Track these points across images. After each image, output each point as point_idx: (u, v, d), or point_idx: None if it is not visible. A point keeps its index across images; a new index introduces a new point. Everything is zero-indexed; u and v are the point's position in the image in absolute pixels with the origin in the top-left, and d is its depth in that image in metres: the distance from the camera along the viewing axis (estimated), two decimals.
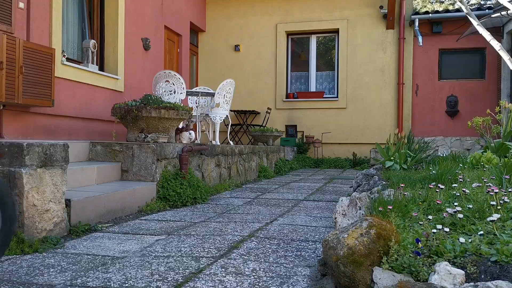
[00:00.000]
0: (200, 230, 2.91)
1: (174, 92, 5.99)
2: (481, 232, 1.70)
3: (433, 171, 3.40)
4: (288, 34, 10.28)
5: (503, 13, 7.54)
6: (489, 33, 4.54)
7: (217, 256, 2.26)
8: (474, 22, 4.57)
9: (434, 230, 1.64)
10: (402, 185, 2.83)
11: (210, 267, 2.07)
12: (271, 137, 8.52)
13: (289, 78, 10.36)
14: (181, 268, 2.04)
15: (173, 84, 6.02)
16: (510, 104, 4.97)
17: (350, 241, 1.56)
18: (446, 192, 2.58)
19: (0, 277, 1.93)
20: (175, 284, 1.83)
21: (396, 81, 9.44)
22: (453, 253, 1.53)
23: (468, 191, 2.36)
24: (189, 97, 7.18)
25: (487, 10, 8.72)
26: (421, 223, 1.87)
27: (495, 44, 4.44)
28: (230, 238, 2.69)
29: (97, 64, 6.16)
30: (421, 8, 9.67)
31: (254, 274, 1.96)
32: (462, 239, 1.59)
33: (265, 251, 2.37)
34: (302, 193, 4.99)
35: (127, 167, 4.07)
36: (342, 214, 2.54)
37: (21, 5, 4.69)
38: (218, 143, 6.40)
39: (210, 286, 1.79)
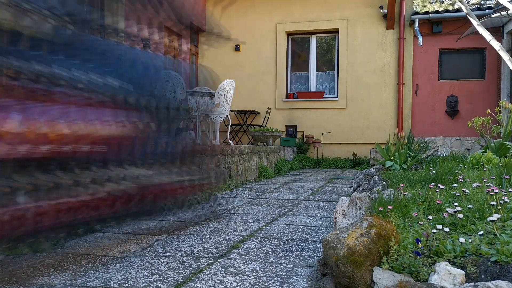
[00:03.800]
0: (200, 230, 2.91)
1: (174, 92, 5.99)
2: (481, 232, 1.70)
3: (433, 171, 3.40)
4: (288, 34, 10.28)
5: (503, 13, 7.54)
6: (489, 33, 4.55)
7: (217, 256, 2.26)
8: (474, 22, 4.57)
9: (434, 230, 1.64)
10: (402, 185, 2.83)
11: (210, 267, 2.07)
12: (271, 137, 8.52)
13: (289, 78, 10.36)
14: (181, 268, 2.04)
15: (173, 84, 6.02)
16: (510, 104, 4.98)
17: (350, 241, 1.56)
18: (446, 192, 2.58)
19: (0, 277, 1.93)
20: (175, 284, 1.83)
21: (396, 81, 9.44)
22: (453, 253, 1.53)
23: (468, 191, 2.36)
24: (189, 97, 7.19)
25: (487, 10, 8.73)
26: (421, 223, 1.87)
27: (495, 44, 4.44)
28: (230, 238, 2.69)
29: None
30: (421, 8, 9.67)
31: (254, 274, 1.96)
32: (462, 239, 1.59)
33: (265, 251, 2.37)
34: (302, 193, 4.99)
35: None
36: (342, 214, 2.54)
37: None
38: (218, 143, 6.40)
39: (210, 286, 1.79)
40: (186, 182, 2.66)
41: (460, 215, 1.84)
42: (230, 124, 7.55)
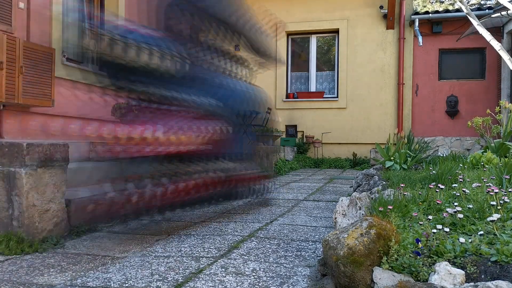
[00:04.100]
0: (200, 230, 2.91)
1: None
2: (481, 232, 1.70)
3: (433, 171, 3.40)
4: (288, 34, 10.27)
5: (503, 13, 7.54)
6: (489, 33, 4.55)
7: (217, 256, 2.26)
8: (474, 22, 4.57)
9: (434, 230, 1.64)
10: (402, 185, 2.83)
11: (210, 267, 2.07)
12: (271, 137, 8.52)
13: (289, 78, 10.36)
14: (181, 268, 2.04)
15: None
16: (510, 104, 4.98)
17: (350, 241, 1.56)
18: (446, 192, 2.58)
19: (0, 277, 1.93)
20: (175, 284, 1.83)
21: (396, 81, 9.44)
22: (453, 253, 1.53)
23: (468, 191, 2.36)
24: None
25: (487, 10, 8.72)
26: (421, 223, 1.87)
27: (495, 44, 4.44)
28: (230, 238, 2.69)
29: (97, 64, 6.16)
30: (421, 8, 9.67)
31: (254, 274, 1.96)
32: (462, 239, 1.59)
33: (265, 251, 2.37)
34: (302, 193, 4.99)
35: None
36: (342, 214, 2.54)
37: (21, 5, 4.69)
38: None
39: (210, 286, 1.79)
40: (254, 174, 3.43)
41: (460, 215, 1.84)
42: None
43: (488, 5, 9.25)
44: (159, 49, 2.52)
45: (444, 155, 5.66)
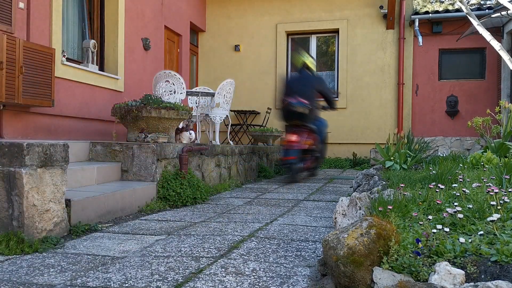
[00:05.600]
0: (200, 230, 2.91)
1: (174, 92, 5.99)
2: (481, 232, 1.70)
3: (433, 171, 3.39)
4: (288, 34, 10.27)
5: (503, 13, 7.54)
6: (489, 33, 4.54)
7: (217, 256, 2.26)
8: (474, 22, 4.56)
9: (434, 230, 1.64)
10: (402, 185, 2.83)
11: (210, 267, 2.07)
12: (271, 137, 8.51)
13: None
14: (181, 268, 2.05)
15: (173, 84, 6.02)
16: (510, 104, 4.97)
17: (350, 241, 1.56)
18: (446, 192, 2.58)
19: (0, 277, 1.93)
20: (175, 284, 1.83)
21: (396, 81, 9.44)
22: (453, 253, 1.53)
23: (468, 191, 2.36)
24: (189, 97, 7.18)
25: (487, 10, 8.72)
26: (421, 223, 1.87)
27: (495, 44, 4.43)
28: (230, 238, 2.69)
29: (97, 64, 6.16)
30: (421, 8, 9.64)
31: (254, 274, 1.96)
32: (462, 239, 1.59)
33: (265, 251, 2.37)
34: (302, 193, 4.99)
35: (127, 167, 4.07)
36: (342, 214, 2.54)
37: (21, 5, 4.69)
38: (218, 143, 6.40)
39: (210, 286, 1.79)
40: (318, 156, 6.63)
41: (460, 215, 1.84)
42: (230, 124, 7.55)
43: (488, 5, 9.24)
44: (303, 106, 5.89)
45: (444, 155, 5.66)
